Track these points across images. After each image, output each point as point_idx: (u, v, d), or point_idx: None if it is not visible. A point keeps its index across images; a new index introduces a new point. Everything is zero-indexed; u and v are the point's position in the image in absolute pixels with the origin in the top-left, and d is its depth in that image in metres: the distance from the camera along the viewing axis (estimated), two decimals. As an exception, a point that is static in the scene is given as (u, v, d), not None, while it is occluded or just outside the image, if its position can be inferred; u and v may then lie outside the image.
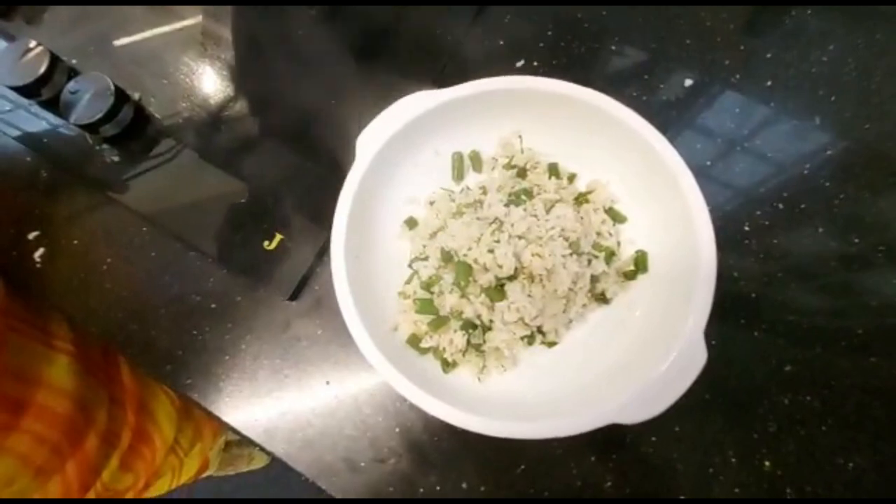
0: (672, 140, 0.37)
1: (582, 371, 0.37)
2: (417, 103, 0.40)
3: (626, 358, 0.37)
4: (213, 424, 0.74)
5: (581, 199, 0.42)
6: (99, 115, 0.47)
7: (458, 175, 0.44)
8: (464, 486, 0.41)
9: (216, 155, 0.49)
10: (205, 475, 0.84)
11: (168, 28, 0.54)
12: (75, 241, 0.49)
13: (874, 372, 0.41)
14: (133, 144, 0.50)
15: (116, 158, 0.50)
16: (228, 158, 0.49)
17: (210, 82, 0.52)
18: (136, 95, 0.51)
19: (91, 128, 0.48)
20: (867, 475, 0.39)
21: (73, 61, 0.53)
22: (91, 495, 0.50)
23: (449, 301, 0.38)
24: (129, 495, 0.57)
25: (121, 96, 0.49)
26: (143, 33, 0.54)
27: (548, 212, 0.40)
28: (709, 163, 0.47)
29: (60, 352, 0.48)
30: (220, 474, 1.07)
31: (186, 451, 0.67)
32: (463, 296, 0.38)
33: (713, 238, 0.35)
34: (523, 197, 0.41)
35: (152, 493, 0.64)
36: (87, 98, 0.48)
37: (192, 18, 0.54)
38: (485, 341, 0.38)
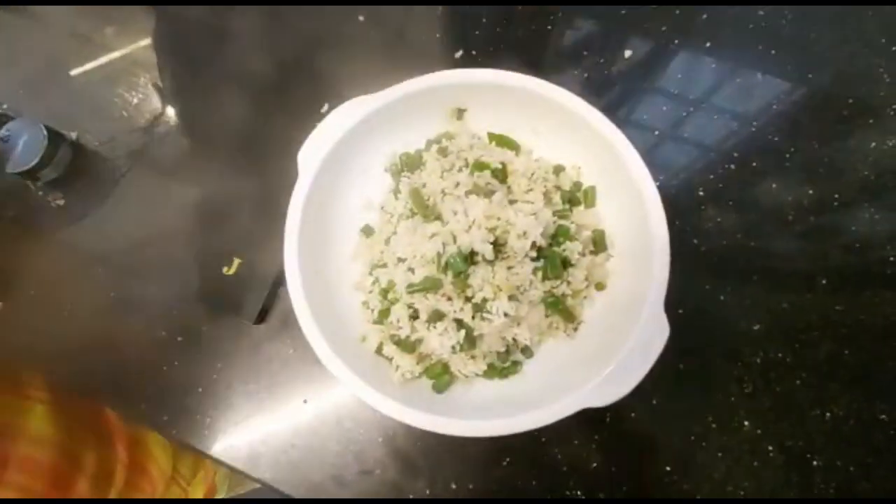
0: (617, 114, 0.36)
1: (549, 360, 0.37)
2: (354, 111, 0.39)
3: (591, 342, 0.36)
4: None
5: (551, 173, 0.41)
6: (35, 161, 0.46)
7: (396, 182, 0.43)
8: (453, 486, 0.41)
9: (163, 186, 0.48)
10: (217, 497, 0.83)
11: (97, 63, 0.52)
12: (32, 292, 0.48)
13: (841, 320, 0.42)
14: (77, 184, 0.49)
15: (61, 202, 0.49)
16: (175, 187, 0.48)
17: (147, 111, 0.51)
18: (72, 135, 0.50)
19: (30, 174, 0.47)
20: (845, 422, 0.40)
21: (4, 106, 0.51)
22: None
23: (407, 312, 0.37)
24: None
25: (55, 138, 0.47)
26: (73, 70, 0.53)
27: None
28: (657, 132, 0.46)
29: (35, 401, 0.47)
30: (232, 495, 1.06)
31: (189, 479, 0.67)
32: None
33: (662, 212, 0.34)
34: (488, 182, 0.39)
35: None
36: (22, 144, 0.46)
37: (121, 50, 0.53)
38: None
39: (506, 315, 0.35)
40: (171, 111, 0.51)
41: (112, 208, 0.48)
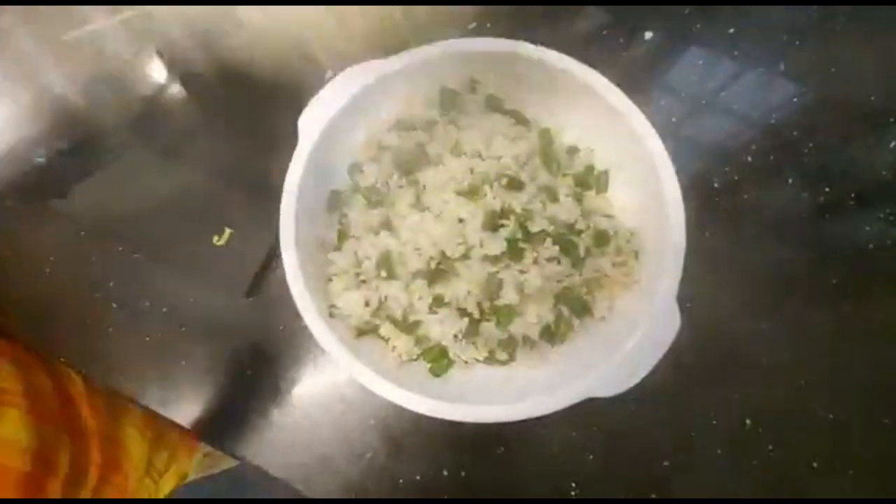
0: (636, 98, 0.34)
1: (554, 348, 0.36)
2: (362, 75, 0.37)
3: (599, 330, 0.35)
4: (188, 445, 0.72)
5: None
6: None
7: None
8: (444, 473, 0.40)
9: (152, 148, 0.46)
10: (185, 483, 0.82)
11: (94, 26, 0.49)
12: (8, 254, 0.45)
13: (850, 320, 0.41)
14: (60, 142, 0.46)
15: (42, 160, 0.46)
16: (166, 151, 0.46)
17: (142, 70, 0.48)
18: (60, 88, 0.47)
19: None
20: (849, 427, 0.39)
21: (-15, 55, 0.48)
22: None
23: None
24: None
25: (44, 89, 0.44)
26: (72, 31, 0.49)
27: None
28: (674, 119, 0.45)
29: (10, 406, 0.45)
30: (202, 475, 1.04)
31: (162, 472, 0.65)
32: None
33: (680, 200, 0.33)
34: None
35: None
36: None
37: (119, 15, 0.49)
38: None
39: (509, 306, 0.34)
40: (168, 74, 0.48)
41: (97, 171, 0.46)
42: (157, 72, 0.48)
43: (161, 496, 0.64)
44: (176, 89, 0.48)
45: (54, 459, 0.47)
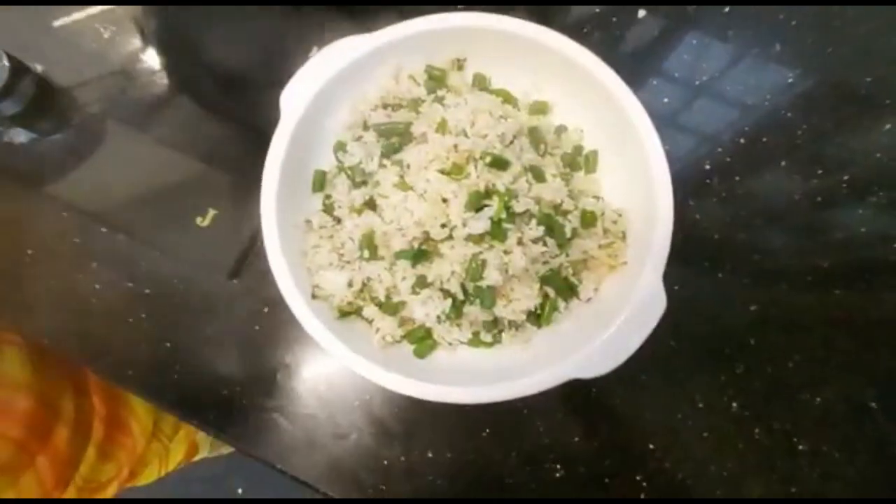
0: (628, 79, 0.34)
1: (538, 330, 0.35)
2: (346, 50, 0.36)
3: (584, 311, 0.35)
4: None
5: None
6: (-8, 90, 0.42)
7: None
8: (429, 454, 0.40)
9: (134, 128, 0.45)
10: (197, 458, 0.82)
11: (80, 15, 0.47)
12: (-11, 235, 0.44)
13: (839, 304, 0.40)
14: (40, 122, 0.45)
15: (23, 139, 0.45)
16: (148, 130, 0.45)
17: (122, 47, 0.47)
18: (38, 67, 0.46)
19: (-13, 105, 0.43)
20: (835, 408, 0.39)
21: (-38, 32, 0.47)
22: (71, 489, 0.48)
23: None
24: (114, 485, 0.55)
25: (19, 68, 0.43)
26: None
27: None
28: (666, 100, 0.44)
29: (7, 343, 0.45)
30: (214, 455, 1.05)
31: (170, 436, 0.65)
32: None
33: (668, 180, 0.32)
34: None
35: (141, 482, 0.62)
36: (-21, 73, 0.42)
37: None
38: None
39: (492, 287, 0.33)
40: (149, 51, 0.47)
41: (78, 151, 0.45)
42: (138, 52, 0.47)
43: (173, 460, 0.64)
44: (157, 69, 0.47)
45: (59, 403, 0.47)
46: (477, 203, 0.32)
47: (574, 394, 0.39)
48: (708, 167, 0.43)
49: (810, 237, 0.42)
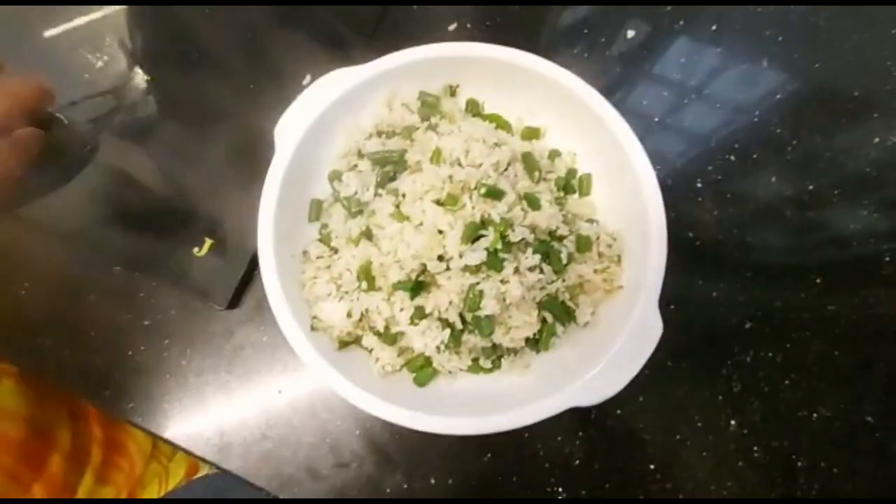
0: (616, 97, 0.34)
1: (537, 356, 0.35)
2: (337, 83, 0.36)
3: (581, 337, 0.35)
4: None
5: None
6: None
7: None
8: (432, 481, 0.40)
9: (129, 159, 0.45)
10: (200, 475, 0.81)
11: (63, 28, 0.47)
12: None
13: (833, 320, 0.41)
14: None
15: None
16: (143, 161, 0.45)
17: (114, 76, 0.47)
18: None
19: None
20: (832, 424, 0.39)
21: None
22: None
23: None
24: None
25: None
26: (37, 30, 0.48)
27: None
28: (657, 119, 0.44)
29: (4, 375, 0.45)
30: (214, 471, 1.04)
31: (170, 456, 0.65)
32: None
33: (662, 205, 0.33)
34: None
35: None
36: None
37: (89, 15, 0.48)
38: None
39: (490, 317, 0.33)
40: (140, 77, 0.47)
41: (72, 181, 0.45)
42: (132, 78, 0.47)
43: (172, 481, 0.64)
44: (151, 96, 0.47)
45: (53, 432, 0.47)
46: (473, 235, 0.32)
47: (574, 417, 0.39)
48: (699, 184, 0.43)
49: (804, 252, 0.43)
